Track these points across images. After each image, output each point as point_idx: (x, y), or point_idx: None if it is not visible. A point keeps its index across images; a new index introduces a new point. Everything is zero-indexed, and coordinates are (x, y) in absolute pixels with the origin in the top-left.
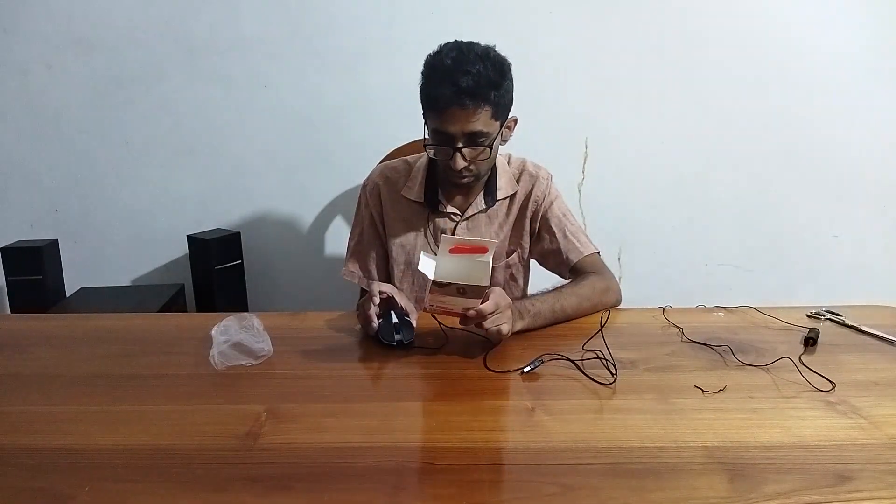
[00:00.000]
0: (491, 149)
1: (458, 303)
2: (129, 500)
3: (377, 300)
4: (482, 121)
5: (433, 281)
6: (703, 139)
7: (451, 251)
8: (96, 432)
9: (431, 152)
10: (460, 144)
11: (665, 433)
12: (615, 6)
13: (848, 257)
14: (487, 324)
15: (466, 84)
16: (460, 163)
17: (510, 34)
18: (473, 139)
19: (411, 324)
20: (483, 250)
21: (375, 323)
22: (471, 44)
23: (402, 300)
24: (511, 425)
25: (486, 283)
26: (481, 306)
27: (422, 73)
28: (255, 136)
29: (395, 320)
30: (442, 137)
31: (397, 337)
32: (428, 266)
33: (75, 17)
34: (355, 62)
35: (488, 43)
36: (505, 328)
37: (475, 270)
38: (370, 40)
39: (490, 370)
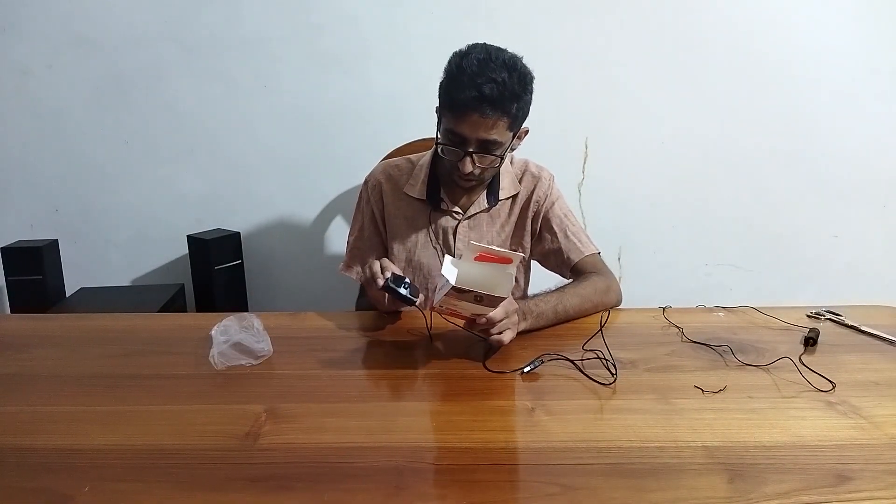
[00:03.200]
0: (501, 158)
1: (470, 308)
2: (129, 500)
3: (388, 275)
4: (498, 131)
5: (453, 286)
6: (702, 139)
7: (477, 259)
8: (96, 432)
9: (441, 150)
10: (472, 149)
11: (665, 433)
12: (615, 6)
13: (848, 257)
14: (494, 330)
15: (490, 92)
16: (469, 167)
17: (510, 34)
18: (486, 147)
19: (417, 288)
20: (507, 261)
21: (381, 280)
22: (499, 49)
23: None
24: (511, 425)
25: (507, 294)
26: (492, 314)
27: (445, 70)
28: (256, 136)
29: (406, 279)
30: (455, 139)
31: (403, 291)
32: (450, 271)
33: (75, 17)
34: (355, 62)
35: (490, 43)
36: (507, 336)
37: (498, 280)
38: (370, 40)
39: (490, 371)
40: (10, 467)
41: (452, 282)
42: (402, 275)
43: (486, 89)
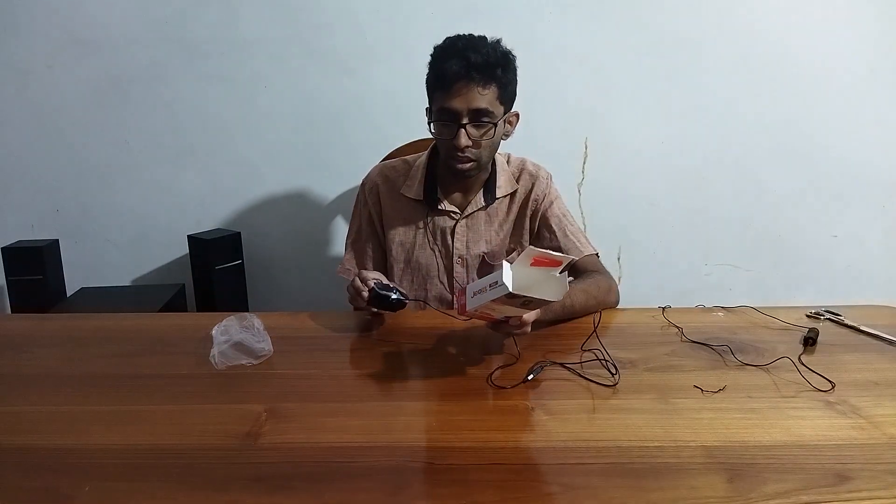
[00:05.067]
0: (495, 128)
1: (508, 311)
2: (129, 500)
3: (370, 284)
4: (488, 99)
5: (509, 291)
6: (702, 139)
7: (533, 264)
8: (96, 432)
9: (434, 129)
10: (465, 121)
11: (665, 433)
12: (615, 6)
13: (847, 257)
14: (518, 330)
15: (475, 59)
16: (464, 140)
17: (510, 34)
18: (479, 116)
19: (403, 292)
20: (558, 264)
21: (365, 292)
22: (479, 35)
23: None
24: (511, 425)
25: (557, 298)
26: (526, 316)
27: (430, 58)
28: (256, 136)
29: (389, 284)
30: (448, 114)
31: (393, 297)
32: (508, 277)
33: (75, 17)
34: (355, 62)
35: None
36: (528, 329)
37: (548, 285)
38: (370, 41)
39: (495, 386)
40: (10, 467)
41: (510, 288)
42: (385, 282)
43: (472, 58)
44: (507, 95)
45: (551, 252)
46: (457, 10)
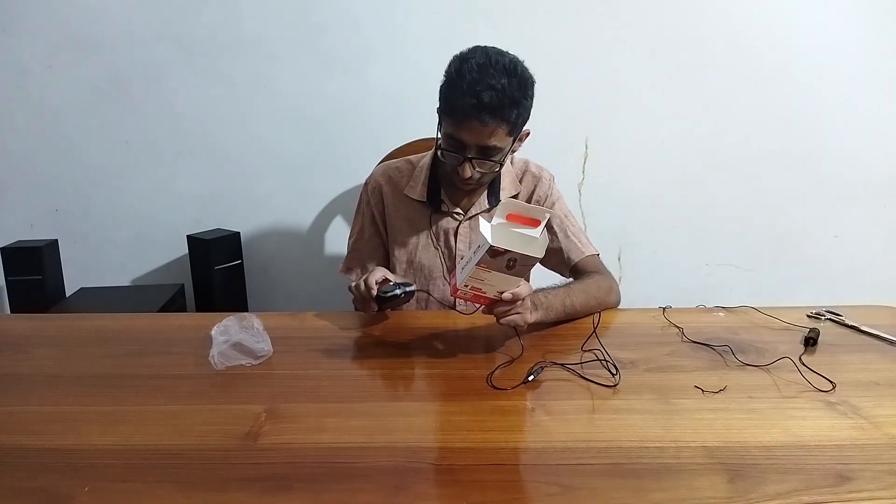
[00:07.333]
0: (501, 163)
1: (497, 282)
2: (129, 500)
3: (374, 291)
4: (497, 137)
5: (490, 247)
6: (703, 139)
7: (508, 218)
8: (96, 432)
9: (442, 154)
10: (471, 155)
11: (665, 433)
12: (615, 6)
13: (848, 257)
14: (516, 309)
15: (489, 100)
16: (468, 172)
17: (510, 34)
18: (485, 153)
19: (405, 282)
20: (536, 223)
21: (374, 305)
22: (499, 53)
23: (396, 279)
24: (511, 425)
25: (540, 255)
26: (518, 290)
27: (445, 74)
28: (255, 136)
29: (392, 281)
30: (455, 144)
31: (398, 290)
32: (487, 231)
33: (75, 17)
34: (355, 62)
35: (494, 45)
36: (526, 317)
37: (529, 242)
38: (370, 40)
39: (494, 387)
40: (9, 467)
41: (490, 241)
42: (388, 279)
43: (485, 97)
44: (518, 127)
45: (526, 205)
46: (457, 11)
